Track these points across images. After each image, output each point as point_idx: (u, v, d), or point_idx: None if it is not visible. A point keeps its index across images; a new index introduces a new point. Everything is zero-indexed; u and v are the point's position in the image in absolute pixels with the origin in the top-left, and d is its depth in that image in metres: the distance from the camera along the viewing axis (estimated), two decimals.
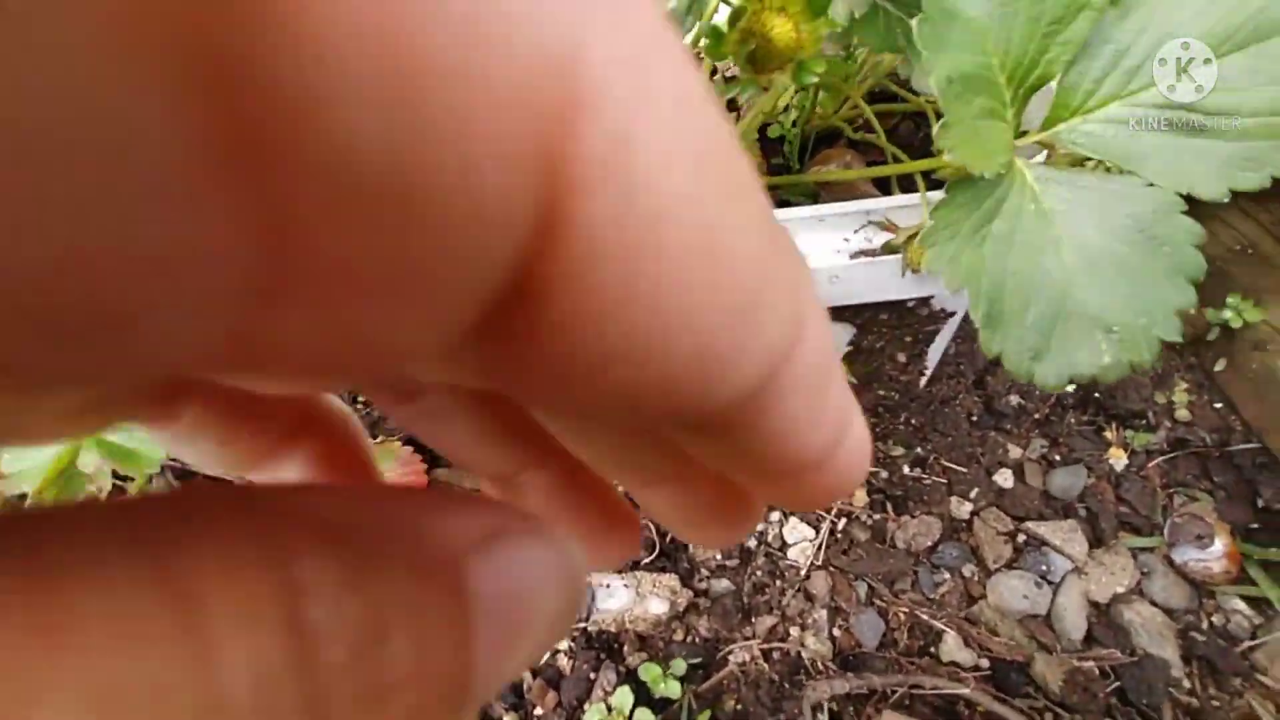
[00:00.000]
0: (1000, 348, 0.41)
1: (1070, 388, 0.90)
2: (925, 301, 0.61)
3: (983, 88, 0.40)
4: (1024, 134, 0.45)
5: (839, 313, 0.60)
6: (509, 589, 0.09)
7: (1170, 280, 0.41)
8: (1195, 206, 0.42)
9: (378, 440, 0.75)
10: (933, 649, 0.74)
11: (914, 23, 0.37)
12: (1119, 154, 0.43)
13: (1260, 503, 0.77)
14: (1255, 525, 0.77)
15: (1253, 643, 0.72)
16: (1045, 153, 0.48)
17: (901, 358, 0.67)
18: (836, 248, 0.52)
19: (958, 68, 0.38)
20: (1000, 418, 0.89)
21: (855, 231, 0.52)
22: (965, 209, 0.41)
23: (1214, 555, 0.75)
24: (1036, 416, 0.89)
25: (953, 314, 0.65)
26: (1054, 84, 0.43)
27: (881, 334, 0.64)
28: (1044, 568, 0.78)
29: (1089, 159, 0.44)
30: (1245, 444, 0.78)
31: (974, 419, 0.89)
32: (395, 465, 0.73)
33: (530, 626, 0.09)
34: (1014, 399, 0.90)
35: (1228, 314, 0.75)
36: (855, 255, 0.52)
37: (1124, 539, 0.80)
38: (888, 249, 0.51)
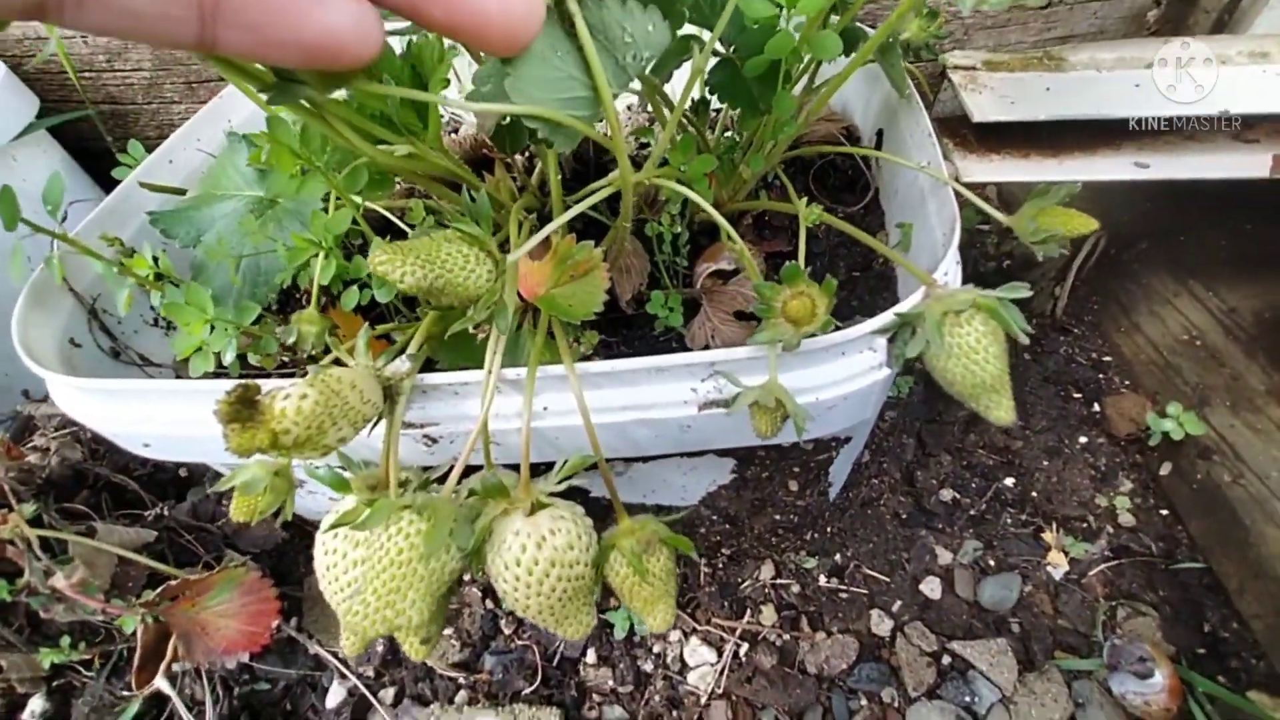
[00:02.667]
0: None
1: (1009, 481, 0.83)
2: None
3: None
4: None
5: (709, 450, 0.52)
6: None
7: None
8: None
9: (222, 567, 0.67)
10: None
11: None
12: None
13: (1206, 627, 0.70)
14: (1202, 650, 0.70)
15: None
16: None
17: (794, 485, 0.60)
18: (684, 398, 0.45)
19: None
20: (931, 516, 0.82)
21: (703, 380, 0.44)
22: None
23: (1154, 689, 0.67)
24: (971, 513, 0.82)
25: (847, 440, 0.57)
26: None
27: (765, 466, 0.56)
28: (969, 698, 0.70)
29: None
30: (1191, 561, 0.71)
31: (902, 518, 0.81)
32: (237, 594, 0.65)
33: None
34: (946, 494, 0.83)
35: (1168, 424, 0.67)
36: (706, 406, 0.45)
37: (1060, 659, 0.73)
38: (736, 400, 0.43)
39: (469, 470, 0.44)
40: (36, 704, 0.72)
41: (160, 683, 0.57)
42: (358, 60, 0.19)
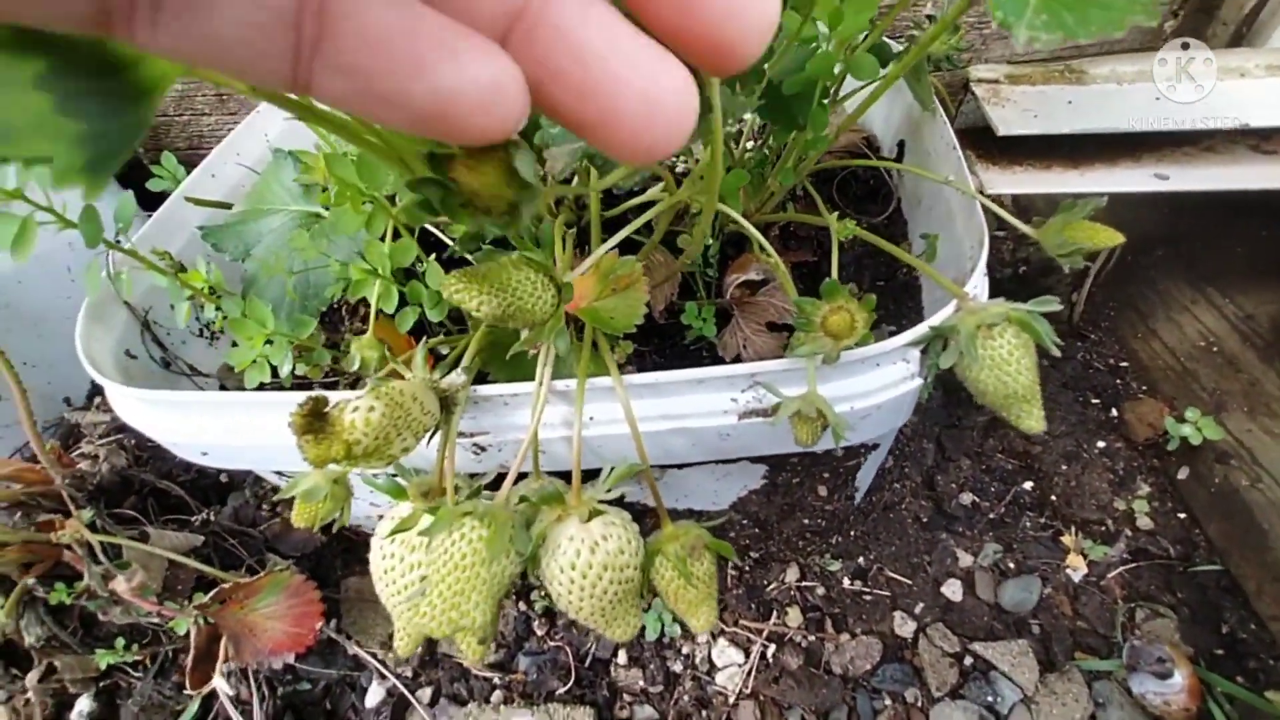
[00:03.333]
0: None
1: (1028, 485, 0.84)
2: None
3: None
4: None
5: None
6: None
7: None
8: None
9: (268, 570, 0.70)
10: None
11: None
12: None
13: (1225, 629, 0.71)
14: (1220, 651, 0.71)
15: None
16: None
17: (823, 490, 0.62)
18: (724, 407, 0.47)
19: None
20: (951, 519, 0.83)
21: (743, 391, 0.46)
22: None
23: (1174, 689, 0.69)
24: (991, 516, 0.83)
25: (875, 447, 0.59)
26: None
27: (796, 472, 0.58)
28: (991, 698, 0.72)
29: None
30: (1210, 564, 0.72)
31: (923, 521, 0.83)
32: (283, 596, 0.68)
33: None
34: (966, 497, 0.85)
35: (1186, 430, 0.69)
36: (746, 415, 0.47)
37: (1080, 660, 0.74)
38: (778, 410, 0.45)
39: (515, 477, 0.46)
40: (84, 704, 0.75)
41: (218, 683, 0.60)
42: (485, 135, 0.15)
